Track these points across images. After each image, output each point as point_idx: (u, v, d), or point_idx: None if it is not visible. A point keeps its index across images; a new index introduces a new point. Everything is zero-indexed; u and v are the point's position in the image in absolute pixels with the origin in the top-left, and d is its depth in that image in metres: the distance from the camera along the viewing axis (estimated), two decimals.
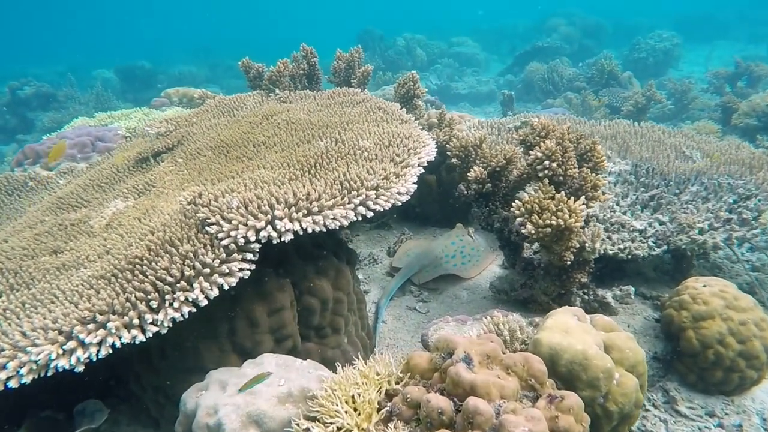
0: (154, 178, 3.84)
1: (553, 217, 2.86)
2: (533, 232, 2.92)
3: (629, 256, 3.56)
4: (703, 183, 4.25)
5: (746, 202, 3.93)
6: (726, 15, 23.11)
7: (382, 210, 2.81)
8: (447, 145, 3.99)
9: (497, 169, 3.58)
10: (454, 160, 3.93)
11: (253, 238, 2.48)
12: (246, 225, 2.50)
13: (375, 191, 2.81)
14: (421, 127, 4.19)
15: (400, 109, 4.32)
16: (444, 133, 4.75)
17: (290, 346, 2.85)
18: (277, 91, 4.93)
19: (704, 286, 3.35)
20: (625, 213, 4.09)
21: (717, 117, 8.51)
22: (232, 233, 2.47)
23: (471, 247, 4.65)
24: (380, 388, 2.14)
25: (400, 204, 2.93)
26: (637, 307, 3.89)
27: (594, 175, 3.22)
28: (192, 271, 2.36)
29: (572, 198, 2.90)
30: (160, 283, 2.32)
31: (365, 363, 2.32)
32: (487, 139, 3.85)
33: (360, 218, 2.73)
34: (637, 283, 4.18)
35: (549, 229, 2.87)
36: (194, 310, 2.34)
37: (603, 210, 4.04)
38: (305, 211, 2.58)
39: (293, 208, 2.56)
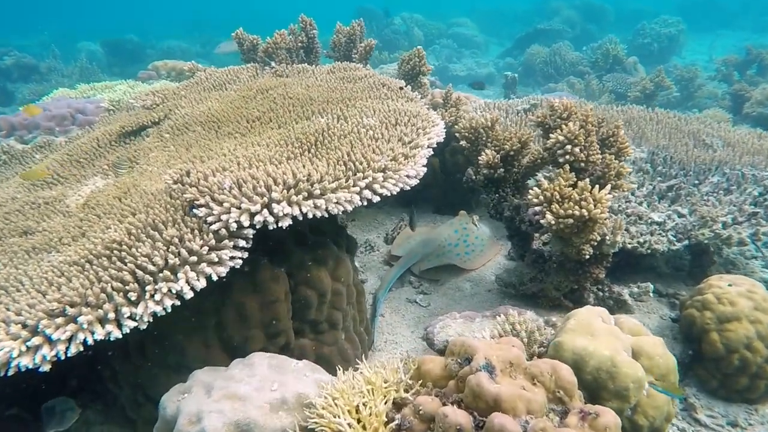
0: (139, 154, 3.54)
1: (576, 207, 2.61)
2: (553, 222, 2.67)
3: (649, 251, 3.33)
4: (725, 174, 4.02)
5: None
6: (729, 3, 22.79)
7: (389, 194, 2.54)
8: (454, 127, 3.71)
9: (511, 153, 3.32)
10: (462, 143, 3.66)
11: (246, 223, 2.20)
12: (239, 208, 2.22)
13: (382, 173, 2.54)
14: (426, 106, 3.91)
15: (405, 86, 4.03)
16: (450, 113, 4.46)
17: (282, 342, 2.60)
18: (273, 64, 4.61)
19: (730, 285, 3.12)
20: (641, 204, 3.86)
21: (726, 105, 8.27)
22: (224, 217, 2.19)
23: (475, 236, 4.40)
24: (387, 396, 1.90)
25: (408, 188, 2.66)
26: (653, 305, 3.67)
27: (617, 161, 2.97)
28: (177, 259, 2.09)
29: (596, 186, 2.65)
30: (140, 272, 2.05)
31: (368, 365, 2.07)
32: (500, 121, 3.58)
33: (365, 203, 2.46)
34: (651, 279, 3.96)
35: (571, 220, 2.62)
36: (178, 303, 2.07)
37: (618, 200, 3.79)
38: (306, 194, 2.30)
39: (292, 191, 2.28)
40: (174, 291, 2.04)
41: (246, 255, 2.25)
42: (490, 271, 4.21)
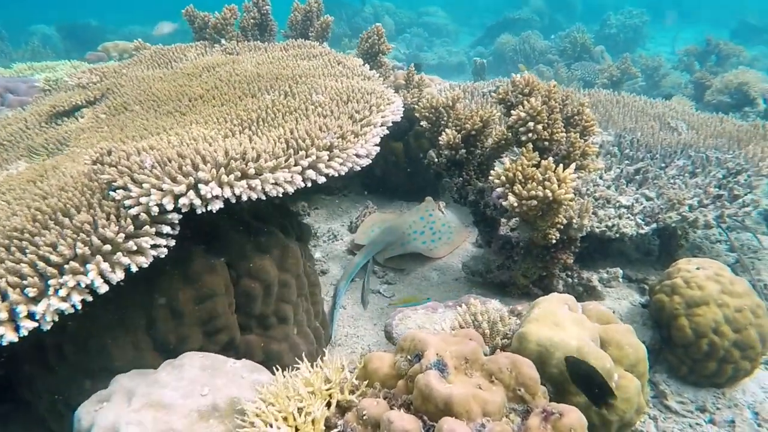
0: (69, 135, 3.21)
1: (539, 188, 2.42)
2: (515, 204, 2.48)
3: (617, 235, 3.18)
4: (690, 157, 3.91)
5: (737, 177, 3.60)
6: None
7: (336, 175, 2.31)
8: (415, 107, 3.49)
9: (473, 132, 3.12)
10: (423, 123, 3.44)
11: (170, 206, 1.94)
12: (161, 189, 1.95)
13: (328, 152, 2.30)
14: (386, 86, 3.68)
15: (363, 65, 3.79)
16: (412, 94, 4.24)
17: (225, 340, 2.35)
18: (223, 41, 4.30)
19: (698, 268, 3.00)
20: (609, 187, 3.72)
21: (689, 93, 8.28)
22: (143, 200, 1.93)
23: (441, 223, 4.20)
24: (330, 399, 1.68)
25: (359, 168, 2.43)
26: (623, 291, 3.54)
27: (583, 140, 2.80)
28: (87, 248, 1.81)
29: (560, 166, 2.46)
30: (42, 264, 1.77)
31: (312, 364, 1.85)
32: (461, 99, 3.37)
33: (308, 184, 2.23)
34: (620, 264, 3.83)
35: (534, 202, 2.44)
36: (90, 298, 1.80)
37: (585, 183, 3.64)
38: (239, 174, 2.05)
39: (223, 170, 2.03)
40: (84, 285, 1.77)
41: (173, 243, 1.99)
42: (457, 258, 4.03)
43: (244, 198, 2.05)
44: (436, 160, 3.42)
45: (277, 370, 1.86)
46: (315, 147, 2.29)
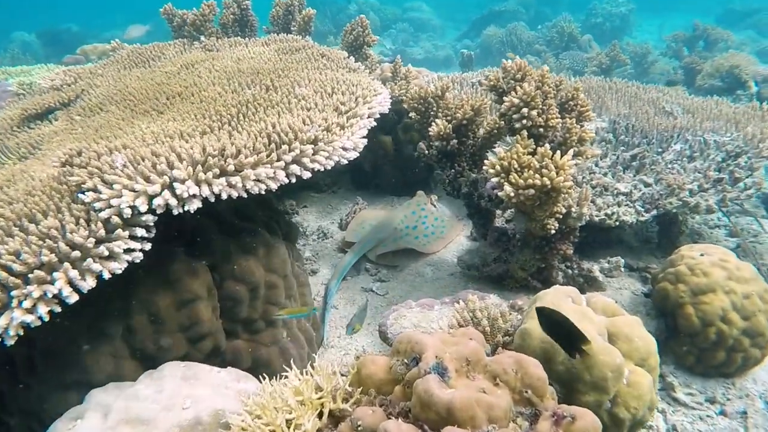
0: (42, 139, 3.06)
1: (537, 176, 2.31)
2: (512, 194, 2.36)
3: (617, 223, 3.07)
4: (687, 141, 3.81)
5: (737, 160, 3.51)
6: None
7: (322, 169, 2.18)
8: (404, 98, 3.36)
9: (464, 122, 3.00)
10: (412, 114, 3.32)
11: (144, 208, 1.80)
12: (133, 190, 1.82)
13: (312, 146, 2.17)
14: (373, 78, 3.55)
15: (348, 57, 3.66)
16: (400, 86, 4.12)
17: (210, 346, 2.21)
18: (203, 38, 4.15)
19: (702, 255, 2.90)
20: (605, 174, 3.61)
21: (680, 78, 8.21)
22: (114, 201, 1.79)
23: (434, 217, 4.08)
24: (322, 408, 1.55)
25: (346, 162, 2.31)
26: (624, 281, 3.43)
27: (579, 126, 2.69)
28: (54, 255, 1.68)
29: (558, 152, 2.35)
30: (3, 274, 1.63)
31: (302, 371, 1.72)
32: (451, 89, 3.25)
33: (293, 180, 2.10)
34: (620, 253, 3.72)
35: (531, 191, 2.32)
36: (59, 309, 1.67)
37: (582, 171, 3.54)
38: (217, 171, 1.92)
39: (200, 167, 1.89)
40: (51, 295, 1.63)
41: (148, 246, 1.86)
42: (451, 253, 3.91)
43: (224, 196, 1.92)
44: (426, 152, 3.30)
45: (264, 378, 1.73)
46: (298, 141, 2.16)
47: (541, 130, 2.61)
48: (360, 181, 4.99)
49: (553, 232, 2.65)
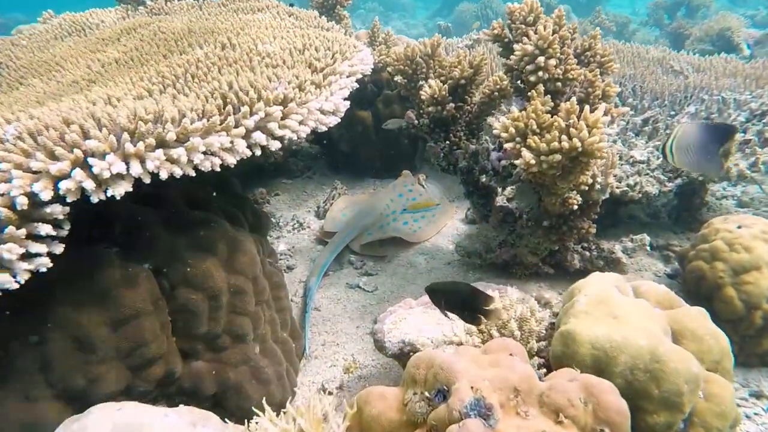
0: None
1: (564, 137, 1.85)
2: (533, 162, 1.91)
3: (640, 195, 2.66)
4: (703, 101, 3.42)
5: (764, 119, 3.13)
6: None
7: (295, 138, 1.69)
8: (385, 60, 2.88)
9: (461, 81, 2.53)
10: (397, 78, 2.83)
11: (47, 195, 1.29)
12: (31, 170, 1.30)
13: (281, 107, 1.68)
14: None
15: (319, 16, 3.15)
16: (379, 52, 3.62)
17: (160, 373, 1.72)
18: (148, 1, 3.57)
19: (739, 227, 2.52)
20: (615, 142, 3.20)
21: (666, 45, 7.90)
22: (2, 187, 1.27)
23: (424, 199, 3.62)
24: None
25: (324, 129, 1.82)
26: (644, 261, 3.04)
27: (602, 79, 2.25)
28: None
29: (586, 108, 1.90)
30: None
31: (271, 413, 1.24)
32: (442, 45, 2.77)
33: (257, 152, 1.61)
34: (632, 230, 3.34)
35: (557, 156, 1.87)
36: None
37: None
38: (152, 142, 1.41)
39: (127, 137, 1.38)
40: None
41: (60, 249, 1.35)
42: (446, 239, 3.46)
43: (164, 175, 1.41)
44: (416, 121, 2.82)
45: (227, 422, 1.25)
46: (263, 101, 1.66)
47: (559, 84, 2.16)
48: (337, 164, 4.49)
49: (575, 207, 2.21)
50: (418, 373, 1.12)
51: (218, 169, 1.51)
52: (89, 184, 1.31)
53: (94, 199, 1.34)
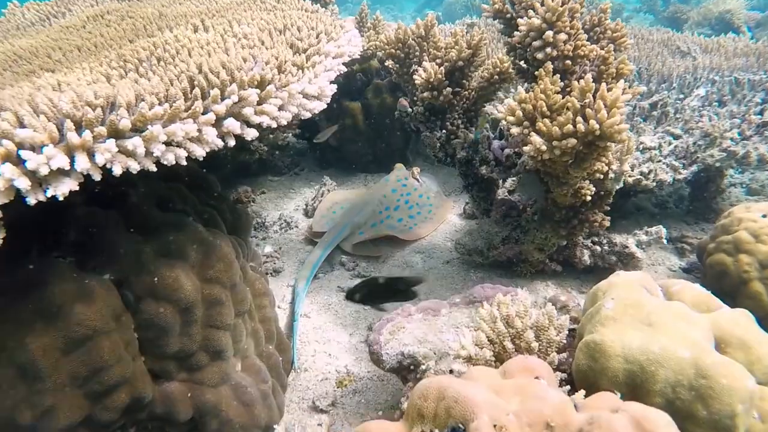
0: None
1: (579, 119, 1.65)
2: (543, 149, 1.70)
3: (654, 183, 2.47)
4: (714, 82, 3.23)
5: None
6: None
7: (274, 125, 1.46)
8: (375, 44, 2.65)
9: (459, 63, 2.32)
10: (388, 63, 2.61)
11: None
12: None
13: (257, 90, 1.45)
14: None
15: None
16: (368, 38, 3.39)
17: (125, 400, 1.49)
18: None
19: (765, 216, 2.33)
20: None
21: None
22: None
23: (419, 194, 3.42)
24: None
25: (308, 115, 1.60)
26: (656, 255, 2.85)
27: (614, 56, 2.04)
28: None
29: (602, 85, 1.69)
30: None
31: None
32: (437, 25, 2.56)
33: (230, 142, 1.38)
34: (641, 221, 3.15)
35: (572, 141, 1.66)
36: None
37: None
38: (103, 130, 1.18)
39: (71, 125, 1.15)
40: None
41: None
42: (443, 235, 3.25)
43: (117, 170, 1.19)
44: (410, 110, 2.61)
45: None
46: (236, 84, 1.43)
47: (568, 62, 1.94)
48: (326, 159, 4.27)
49: (588, 198, 2.01)
50: (426, 407, 0.90)
51: (184, 163, 1.29)
52: (22, 183, 1.08)
53: (31, 201, 1.11)
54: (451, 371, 1.54)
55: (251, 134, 1.42)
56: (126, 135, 1.20)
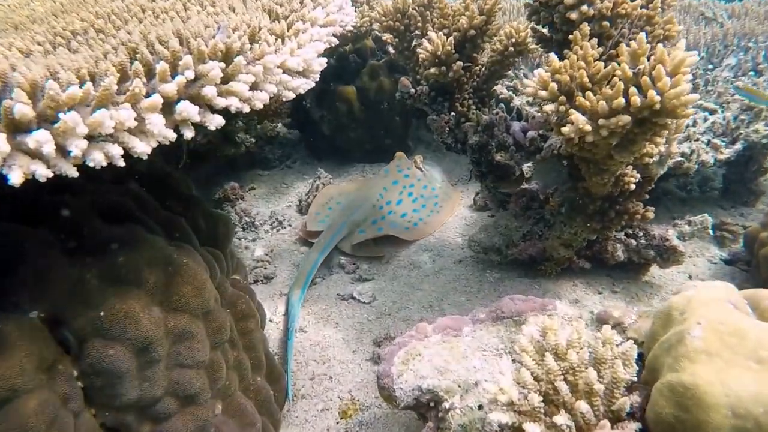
0: None
1: (633, 90, 1.31)
2: (588, 129, 1.36)
3: (697, 164, 2.14)
4: (748, 49, 2.89)
5: None
6: None
7: (247, 110, 1.12)
8: (371, 15, 2.30)
9: (470, 33, 1.97)
10: (386, 36, 2.26)
11: None
12: None
13: (221, 63, 1.10)
14: None
15: None
16: (361, 13, 3.03)
17: None
18: None
19: None
20: None
21: None
22: None
23: (423, 185, 3.08)
24: None
25: (292, 96, 1.25)
26: (693, 245, 2.52)
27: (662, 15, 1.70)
28: None
29: (659, 46, 1.35)
30: None
31: None
32: None
33: (187, 134, 1.04)
34: (670, 208, 2.83)
35: (626, 118, 1.32)
36: None
37: None
38: (9, 124, 0.83)
39: None
40: None
41: None
42: (453, 230, 2.92)
43: (14, 179, 0.84)
44: (412, 90, 2.26)
45: None
46: (196, 55, 1.08)
47: (606, 23, 1.60)
48: (319, 149, 3.92)
49: (633, 187, 1.67)
50: None
51: (120, 163, 0.94)
52: None
53: None
54: (480, 407, 1.23)
55: (215, 122, 1.07)
56: (27, 128, 0.86)
